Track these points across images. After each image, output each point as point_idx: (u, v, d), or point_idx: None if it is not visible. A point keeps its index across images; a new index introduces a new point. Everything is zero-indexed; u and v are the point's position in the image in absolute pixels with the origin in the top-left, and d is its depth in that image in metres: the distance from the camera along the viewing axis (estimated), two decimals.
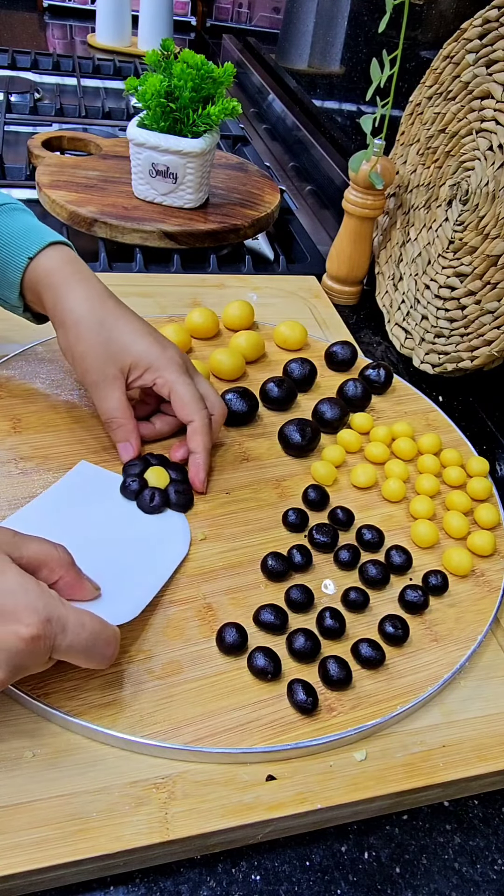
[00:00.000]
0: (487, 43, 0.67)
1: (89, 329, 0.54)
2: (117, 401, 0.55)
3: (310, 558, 0.52)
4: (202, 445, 0.55)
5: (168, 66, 0.82)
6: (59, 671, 0.43)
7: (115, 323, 0.54)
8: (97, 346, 0.54)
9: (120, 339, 0.54)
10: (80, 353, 0.54)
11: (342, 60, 1.17)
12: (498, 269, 0.66)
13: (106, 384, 0.55)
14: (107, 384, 0.55)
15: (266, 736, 0.42)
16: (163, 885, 0.39)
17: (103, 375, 0.54)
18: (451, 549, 0.55)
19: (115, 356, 0.54)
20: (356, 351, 0.72)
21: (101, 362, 0.54)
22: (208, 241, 0.86)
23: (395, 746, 0.44)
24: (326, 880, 0.40)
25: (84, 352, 0.54)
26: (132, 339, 0.54)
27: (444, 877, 0.41)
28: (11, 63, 1.40)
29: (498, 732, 0.46)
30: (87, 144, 1.02)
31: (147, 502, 0.53)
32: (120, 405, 0.55)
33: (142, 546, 0.51)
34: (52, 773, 0.39)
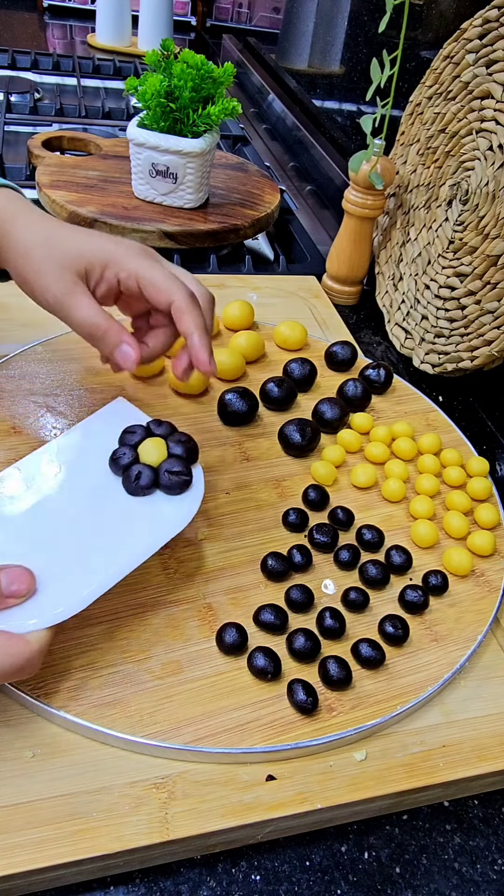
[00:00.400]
0: (487, 43, 0.67)
1: (37, 248, 0.49)
2: (87, 307, 0.48)
3: (310, 558, 0.52)
4: (193, 323, 0.48)
5: (168, 66, 0.82)
6: (59, 671, 0.43)
7: (62, 235, 0.50)
8: (47, 260, 0.49)
9: (70, 247, 0.49)
10: (33, 274, 0.50)
11: (342, 60, 1.17)
12: (498, 269, 0.66)
13: (68, 296, 0.49)
14: (69, 295, 0.49)
15: (266, 736, 0.42)
16: (163, 885, 0.39)
17: (62, 288, 0.49)
18: (451, 549, 0.55)
19: (68, 264, 0.49)
20: (356, 351, 0.72)
21: (56, 276, 0.49)
22: (208, 241, 0.86)
23: (395, 746, 0.44)
24: (326, 880, 0.40)
25: (36, 271, 0.49)
26: (83, 242, 0.49)
27: (444, 877, 0.41)
28: (11, 63, 1.40)
29: (498, 732, 0.46)
30: (87, 144, 1.02)
31: (131, 481, 0.47)
32: (92, 310, 0.48)
33: (118, 528, 0.45)
34: (52, 773, 0.39)
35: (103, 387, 0.64)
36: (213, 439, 0.62)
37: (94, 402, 0.62)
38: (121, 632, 0.46)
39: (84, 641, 0.45)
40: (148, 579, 0.50)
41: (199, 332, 0.48)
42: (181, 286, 0.48)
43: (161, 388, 0.66)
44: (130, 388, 0.65)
